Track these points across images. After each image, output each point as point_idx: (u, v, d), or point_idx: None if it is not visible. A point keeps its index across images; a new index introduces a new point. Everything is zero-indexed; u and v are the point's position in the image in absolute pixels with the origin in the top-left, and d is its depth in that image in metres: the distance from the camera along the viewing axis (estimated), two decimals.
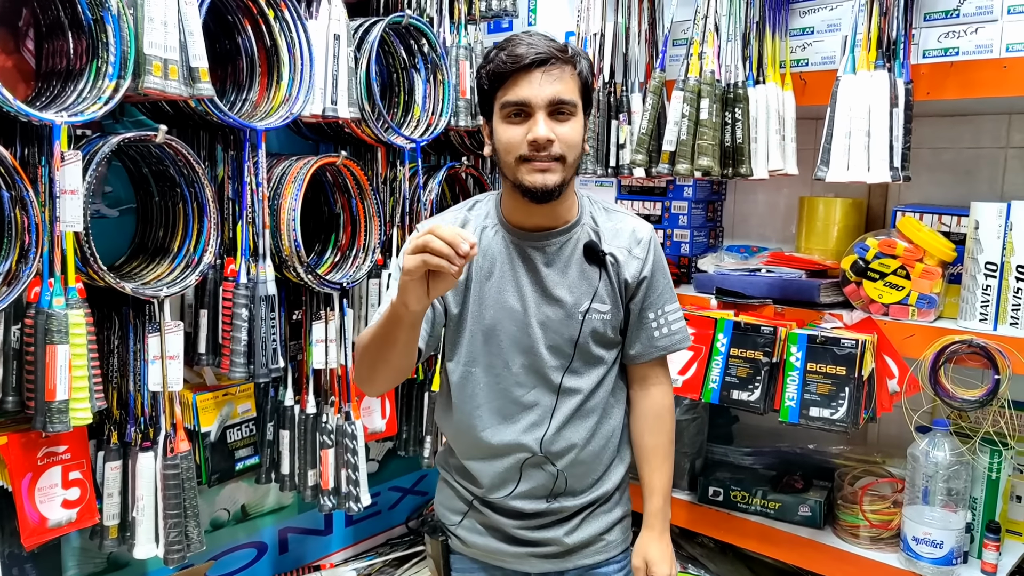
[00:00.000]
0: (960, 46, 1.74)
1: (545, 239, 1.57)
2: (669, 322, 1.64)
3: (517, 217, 1.58)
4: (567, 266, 1.57)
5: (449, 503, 1.74)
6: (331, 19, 1.95)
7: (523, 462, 1.61)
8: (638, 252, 1.59)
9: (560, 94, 1.45)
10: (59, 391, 1.53)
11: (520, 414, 1.60)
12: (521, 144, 1.46)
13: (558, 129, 1.46)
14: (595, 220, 1.60)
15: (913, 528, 1.84)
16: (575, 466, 1.63)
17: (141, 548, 1.81)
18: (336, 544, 2.65)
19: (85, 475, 1.74)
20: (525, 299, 1.56)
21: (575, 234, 1.58)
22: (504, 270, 1.57)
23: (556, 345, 1.57)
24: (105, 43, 1.54)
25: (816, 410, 1.83)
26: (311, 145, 2.33)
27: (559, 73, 1.45)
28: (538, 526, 1.65)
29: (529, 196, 1.48)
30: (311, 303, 2.11)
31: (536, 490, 1.63)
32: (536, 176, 1.46)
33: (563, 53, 1.47)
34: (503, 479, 1.63)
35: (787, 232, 2.44)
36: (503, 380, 1.59)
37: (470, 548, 1.71)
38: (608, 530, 1.70)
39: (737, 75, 1.93)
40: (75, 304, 1.56)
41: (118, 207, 1.93)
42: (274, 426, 2.16)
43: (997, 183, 2.08)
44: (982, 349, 1.71)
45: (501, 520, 1.66)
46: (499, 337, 1.57)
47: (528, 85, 1.45)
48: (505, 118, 1.48)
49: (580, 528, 1.67)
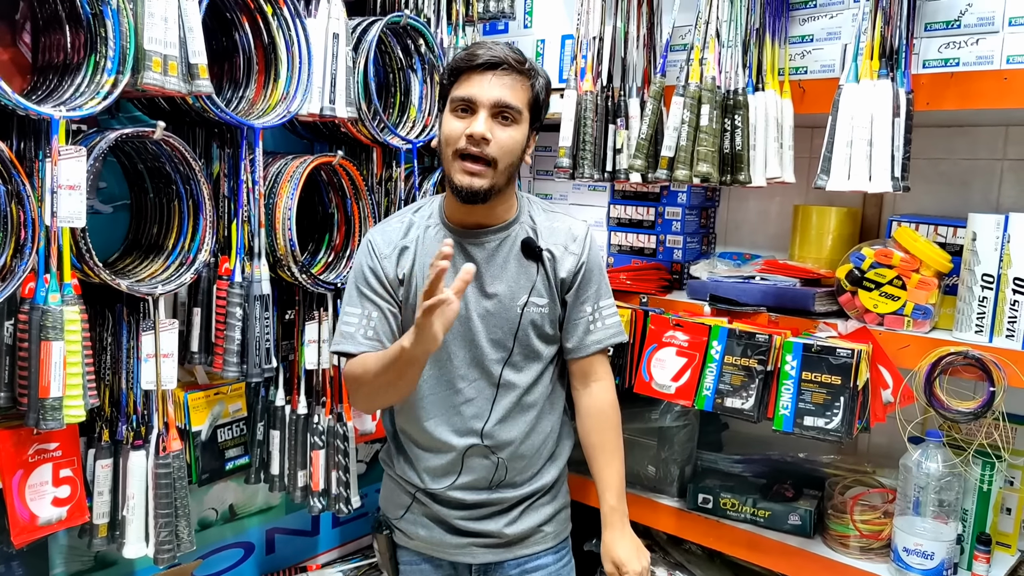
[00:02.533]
0: (961, 57, 1.74)
1: (484, 236, 1.66)
2: (603, 316, 1.74)
3: (458, 216, 1.67)
4: (506, 262, 1.66)
5: (393, 498, 1.82)
6: (330, 18, 1.94)
7: (465, 451, 1.69)
8: (574, 248, 1.70)
9: (505, 98, 1.54)
10: (53, 388, 1.51)
11: (462, 405, 1.69)
12: (459, 138, 1.54)
13: (497, 132, 1.54)
14: (533, 219, 1.70)
15: (904, 539, 1.84)
16: (515, 459, 1.72)
17: (131, 547, 1.79)
18: (323, 545, 2.64)
19: (76, 473, 1.72)
20: (465, 294, 1.60)
21: (513, 231, 1.68)
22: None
23: (497, 339, 1.66)
24: (104, 37, 1.52)
25: (810, 419, 1.84)
26: (306, 144, 2.31)
27: (510, 80, 1.55)
28: (479, 517, 1.74)
29: (456, 195, 1.58)
30: (304, 303, 2.10)
31: (478, 481, 1.72)
32: (464, 177, 1.55)
33: (519, 63, 1.56)
34: (445, 469, 1.71)
35: (780, 240, 2.44)
36: (446, 372, 1.68)
37: (414, 541, 1.79)
38: (546, 522, 1.80)
39: (737, 82, 1.93)
40: (70, 300, 1.54)
41: (112, 203, 1.91)
42: (265, 426, 2.14)
43: (992, 195, 2.09)
44: (978, 361, 1.72)
45: (443, 511, 1.74)
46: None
47: (478, 84, 1.54)
48: (451, 112, 1.57)
49: (519, 520, 1.76)
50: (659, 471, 2.25)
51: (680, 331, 2.06)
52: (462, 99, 1.55)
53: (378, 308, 1.68)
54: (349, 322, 1.69)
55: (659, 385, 2.06)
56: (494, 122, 1.54)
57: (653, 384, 2.06)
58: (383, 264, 1.69)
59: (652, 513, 2.24)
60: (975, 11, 1.73)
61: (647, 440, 2.26)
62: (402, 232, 1.72)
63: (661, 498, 2.24)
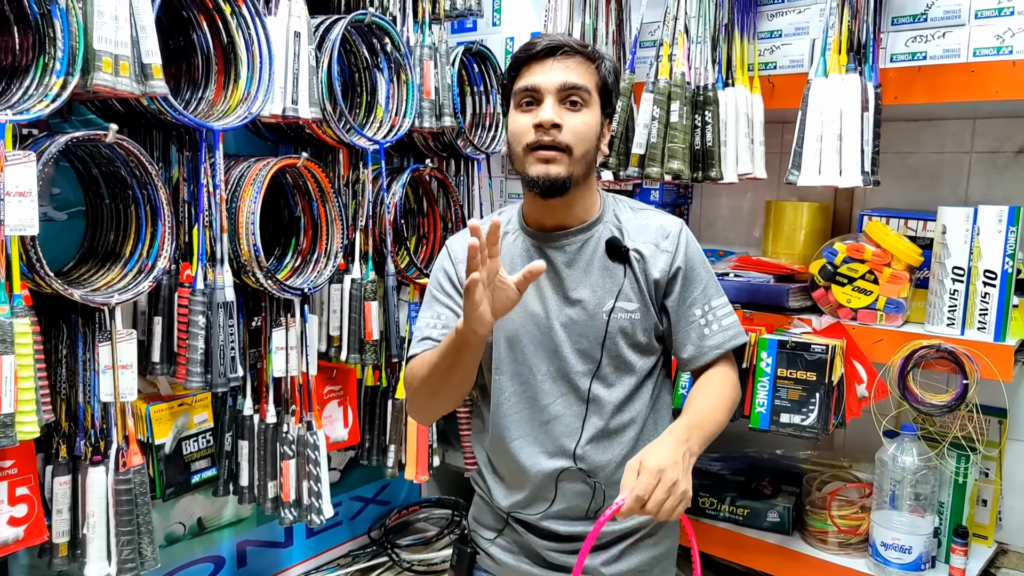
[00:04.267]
0: (928, 50, 1.74)
1: (564, 238, 1.50)
2: (719, 317, 1.53)
3: (536, 218, 1.53)
4: (589, 265, 1.50)
5: (483, 519, 1.66)
6: (291, 16, 1.89)
7: (558, 475, 1.51)
8: (666, 246, 1.50)
9: (571, 79, 1.40)
10: (4, 404, 1.45)
11: (550, 423, 1.51)
12: (528, 131, 1.41)
13: (567, 117, 1.40)
14: (618, 217, 1.53)
15: (882, 533, 1.83)
16: (613, 485, 1.50)
17: (92, 566, 1.72)
18: (296, 556, 2.59)
19: (33, 491, 1.66)
20: (546, 301, 1.50)
21: (596, 232, 1.51)
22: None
23: (583, 349, 1.49)
24: (52, 38, 1.46)
25: (787, 416, 1.82)
26: (270, 146, 2.27)
27: (573, 62, 1.42)
28: (574, 551, 1.52)
29: (534, 188, 1.43)
30: (271, 309, 2.05)
31: (573, 509, 1.53)
32: (539, 167, 1.41)
33: (582, 46, 1.44)
34: (536, 495, 1.54)
35: (752, 236, 2.44)
36: (530, 388, 1.52)
37: (499, 567, 1.62)
38: (651, 567, 1.59)
39: (707, 77, 1.91)
40: (20, 312, 1.48)
41: (66, 210, 1.86)
42: (232, 436, 2.09)
43: (961, 187, 2.09)
44: (950, 354, 1.71)
45: (535, 540, 1.56)
46: (522, 342, 1.50)
47: (539, 71, 1.42)
48: (516, 107, 1.45)
49: (620, 559, 1.55)
50: None
51: None
52: (525, 89, 1.42)
53: (449, 309, 1.54)
54: (420, 327, 1.56)
55: None
56: (562, 108, 1.40)
57: None
58: (458, 268, 1.55)
59: None
60: (941, 5, 1.73)
61: None
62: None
63: None
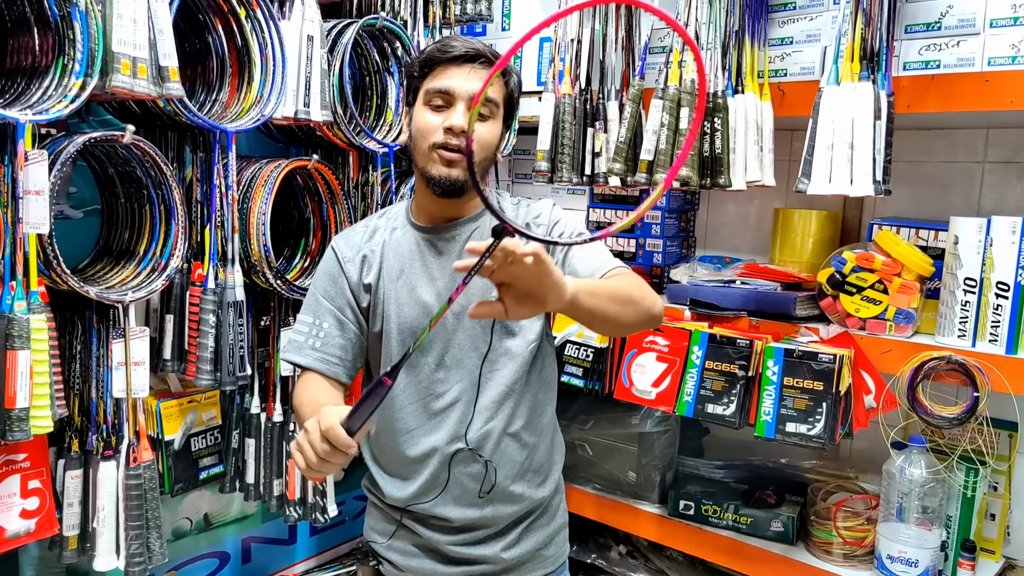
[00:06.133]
0: (942, 59, 1.74)
1: (453, 229, 1.59)
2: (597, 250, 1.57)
3: (426, 213, 1.61)
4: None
5: (377, 525, 1.71)
6: (304, 20, 1.91)
7: (450, 458, 1.58)
8: (541, 220, 1.61)
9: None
10: (19, 398, 1.47)
11: (444, 410, 1.59)
12: (436, 131, 1.48)
13: (475, 125, 1.43)
14: (501, 207, 1.61)
15: (888, 546, 1.83)
16: (504, 458, 1.59)
17: (102, 559, 1.75)
18: (300, 554, 2.60)
19: (45, 484, 1.68)
20: (438, 291, 1.56)
21: (482, 221, 1.60)
22: (415, 266, 1.59)
23: (473, 335, 1.57)
24: (72, 40, 1.48)
25: (793, 425, 1.82)
26: (281, 148, 2.28)
27: (486, 74, 1.48)
28: (473, 541, 1.62)
29: (434, 186, 1.51)
30: (280, 309, 2.06)
31: (466, 494, 1.59)
32: (442, 168, 1.49)
33: (496, 58, 1.50)
34: (430, 484, 1.60)
35: (759, 243, 2.43)
36: (423, 377, 1.58)
37: (403, 572, 1.67)
38: (547, 544, 1.69)
39: (717, 84, 1.91)
40: (37, 308, 1.50)
41: (82, 208, 1.87)
42: (240, 434, 2.10)
43: (973, 198, 2.08)
44: (961, 366, 1.70)
45: (433, 537, 1.62)
46: (416, 334, 1.54)
47: (456, 75, 1.48)
48: (426, 104, 1.51)
49: (519, 543, 1.64)
50: (640, 477, 2.23)
51: (660, 336, 2.04)
52: (439, 91, 1.49)
53: (332, 317, 1.59)
54: (299, 330, 1.61)
55: (639, 391, 2.04)
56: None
57: (633, 390, 2.04)
58: (346, 268, 1.61)
59: (633, 520, 2.22)
60: (956, 13, 1.72)
61: (628, 446, 2.24)
62: (367, 237, 1.65)
63: (642, 504, 2.22)
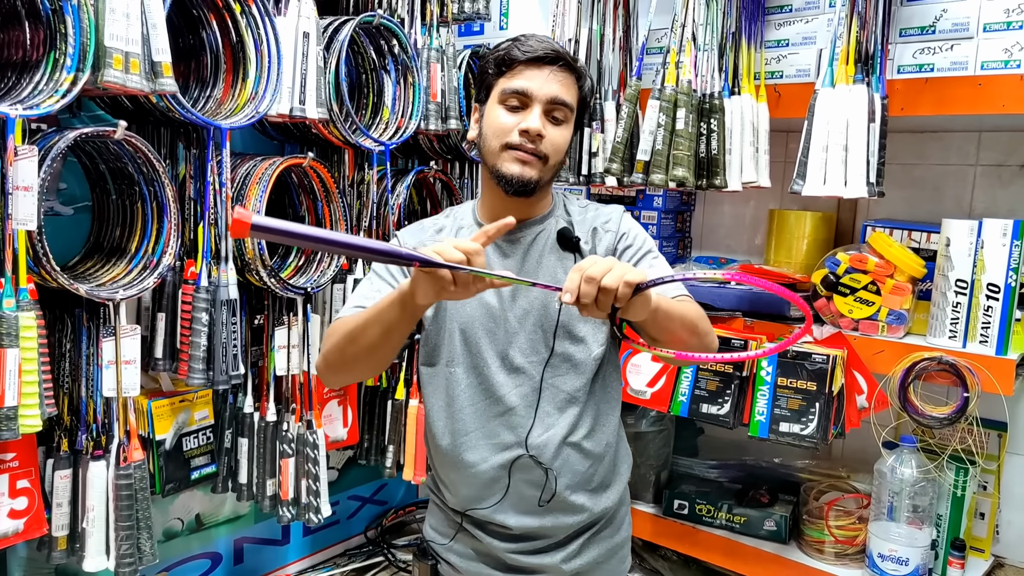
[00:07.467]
0: (935, 62, 1.74)
1: (519, 231, 1.54)
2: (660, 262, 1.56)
3: (493, 213, 1.53)
4: (542, 256, 1.53)
5: (438, 526, 1.66)
6: (300, 16, 1.90)
7: (511, 464, 1.52)
8: (610, 226, 1.56)
9: (562, 95, 1.46)
10: (8, 397, 1.46)
11: (505, 413, 1.53)
12: (511, 132, 1.45)
13: (550, 129, 1.46)
14: (568, 211, 1.59)
15: (879, 544, 1.83)
16: (566, 467, 1.53)
17: (91, 560, 1.73)
18: (293, 554, 2.59)
19: (33, 484, 1.67)
20: (500, 292, 1.51)
21: (548, 224, 1.55)
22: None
23: (536, 339, 1.52)
24: (63, 34, 1.47)
25: (786, 425, 1.82)
26: (276, 145, 2.27)
27: (565, 77, 1.46)
28: (532, 550, 1.56)
29: (505, 185, 1.47)
30: (274, 308, 2.05)
31: (526, 501, 1.54)
32: (515, 166, 1.45)
33: (575, 61, 1.49)
34: (489, 489, 1.54)
35: (754, 244, 2.44)
36: (485, 379, 1.53)
37: (461, 575, 1.62)
38: (609, 558, 1.62)
39: (713, 85, 1.92)
40: (26, 306, 1.48)
41: (73, 205, 1.86)
42: (232, 434, 2.09)
43: (965, 200, 2.09)
44: (951, 366, 1.71)
45: (492, 543, 1.57)
46: (477, 334, 1.52)
47: (534, 77, 1.45)
48: (502, 103, 1.47)
49: (580, 555, 1.58)
50: (635, 477, 2.22)
51: None
52: (516, 92, 1.45)
53: (389, 287, 1.52)
54: (356, 296, 1.54)
55: (635, 391, 2.04)
56: (546, 119, 1.46)
57: (629, 390, 2.04)
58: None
59: None
60: (950, 17, 1.73)
61: None
62: (432, 232, 1.60)
63: (637, 504, 2.23)
